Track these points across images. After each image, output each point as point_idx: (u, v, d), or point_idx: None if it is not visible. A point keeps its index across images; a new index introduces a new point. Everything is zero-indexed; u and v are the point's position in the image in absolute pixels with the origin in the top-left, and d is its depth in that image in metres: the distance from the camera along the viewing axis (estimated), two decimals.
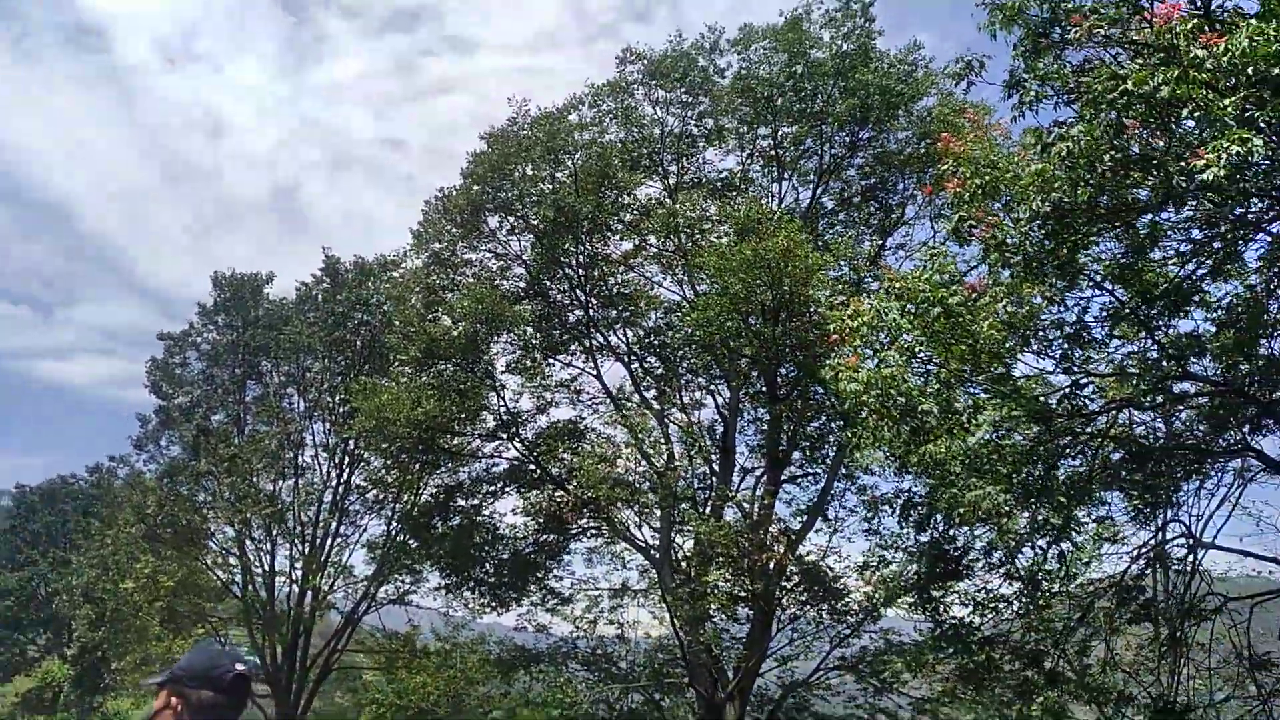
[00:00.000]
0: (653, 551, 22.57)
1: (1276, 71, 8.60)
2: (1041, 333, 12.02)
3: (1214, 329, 12.77)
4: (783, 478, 22.95)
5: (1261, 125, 8.93)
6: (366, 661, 30.83)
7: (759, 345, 20.27)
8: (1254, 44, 8.32)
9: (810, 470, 23.96)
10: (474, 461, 25.04)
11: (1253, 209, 10.99)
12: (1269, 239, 12.16)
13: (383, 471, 26.71)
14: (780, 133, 23.35)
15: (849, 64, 21.50)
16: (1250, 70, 8.52)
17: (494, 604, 25.58)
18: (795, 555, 20.81)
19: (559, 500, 23.10)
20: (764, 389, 22.55)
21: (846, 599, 20.91)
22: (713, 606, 20.00)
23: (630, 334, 24.82)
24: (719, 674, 21.26)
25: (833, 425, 22.72)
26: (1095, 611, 14.68)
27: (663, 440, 22.86)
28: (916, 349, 11.07)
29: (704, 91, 23.27)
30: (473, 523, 25.40)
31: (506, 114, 24.18)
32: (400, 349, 22.73)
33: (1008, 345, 11.11)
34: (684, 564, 21.77)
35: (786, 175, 24.05)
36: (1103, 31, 9.76)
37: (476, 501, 25.75)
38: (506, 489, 25.12)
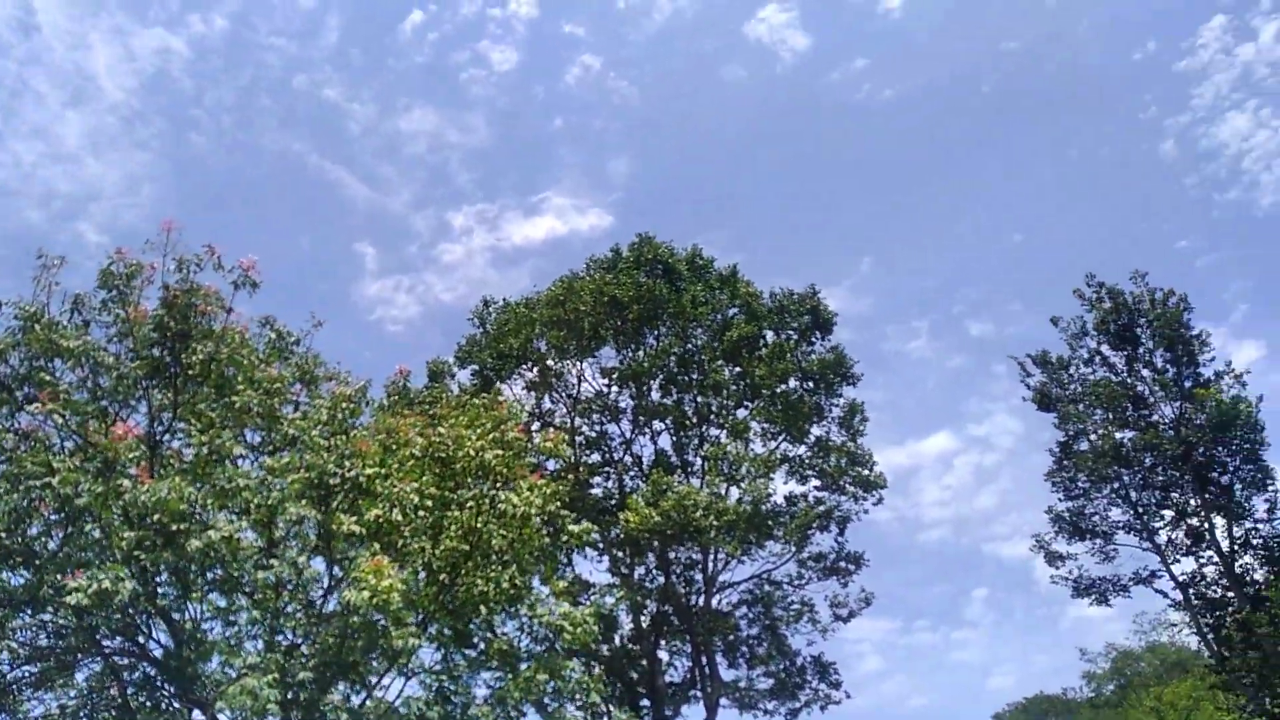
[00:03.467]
0: None
1: (175, 526, 9.68)
2: None
3: None
4: None
5: (145, 565, 9.66)
6: None
7: None
8: (169, 496, 9.31)
9: None
10: None
11: (102, 634, 11.24)
12: (103, 663, 12.44)
13: None
14: None
15: None
16: (157, 516, 9.41)
17: None
18: None
19: None
20: None
21: None
22: None
23: None
24: None
25: None
26: None
27: None
28: None
29: None
30: None
31: None
32: None
33: None
34: None
35: None
36: (59, 416, 9.83)
37: None
38: None
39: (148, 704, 11.24)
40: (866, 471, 23.24)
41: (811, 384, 23.52)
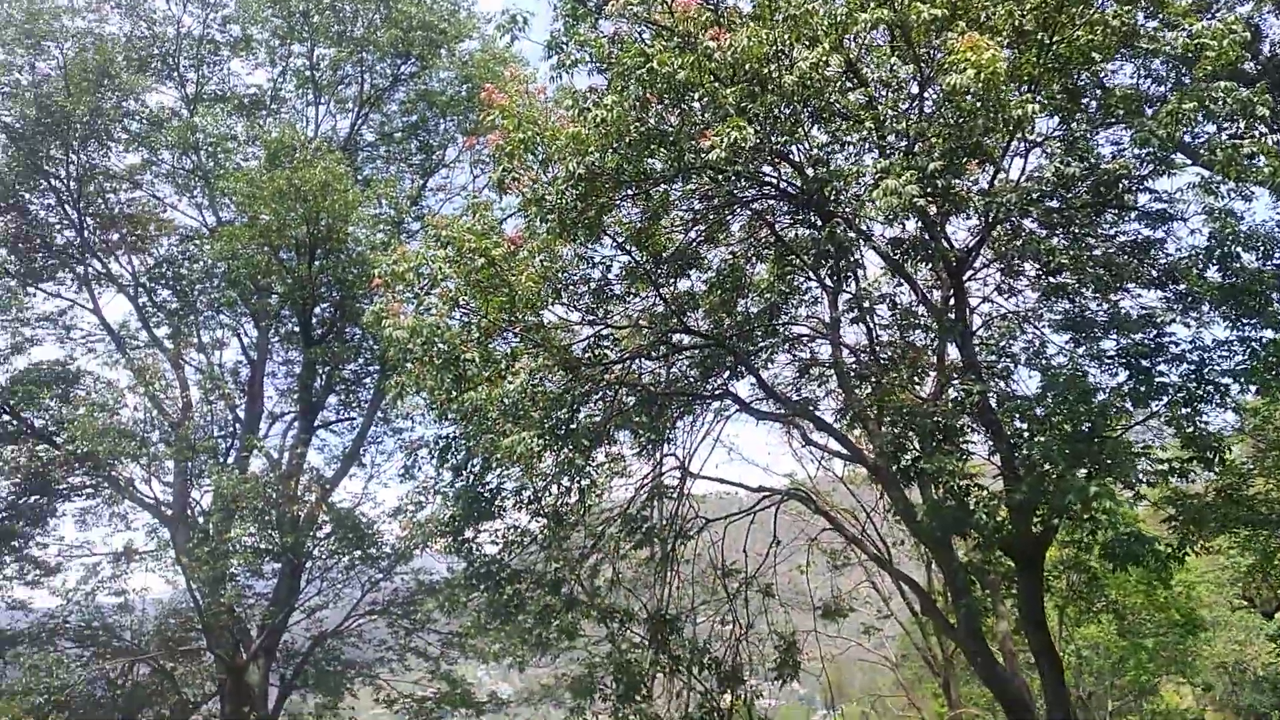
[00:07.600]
0: (165, 509, 20.18)
1: (766, 70, 10.08)
2: (571, 286, 12.85)
3: (706, 289, 14.64)
4: (316, 424, 21.90)
5: (753, 115, 10.37)
6: None
7: (292, 283, 18.95)
8: (751, 43, 9.63)
9: (346, 416, 23.19)
10: None
11: (739, 188, 12.72)
12: (749, 214, 14.25)
13: None
14: (317, 54, 21.76)
15: None
16: (747, 66, 9.86)
17: None
18: (328, 504, 20.05)
19: (43, 457, 19.53)
20: (297, 329, 21.19)
21: (379, 544, 20.67)
22: (236, 564, 18.52)
23: (137, 262, 21.61)
24: (242, 634, 19.86)
25: (370, 369, 22.18)
26: (605, 539, 16.32)
27: (177, 385, 20.44)
28: (459, 298, 11.16)
29: None
30: None
31: None
32: None
33: (541, 296, 11.66)
34: (202, 520, 19.82)
35: (323, 100, 22.54)
36: (634, 8, 10.52)
37: None
38: None
39: (800, 231, 12.73)
40: None
41: None
